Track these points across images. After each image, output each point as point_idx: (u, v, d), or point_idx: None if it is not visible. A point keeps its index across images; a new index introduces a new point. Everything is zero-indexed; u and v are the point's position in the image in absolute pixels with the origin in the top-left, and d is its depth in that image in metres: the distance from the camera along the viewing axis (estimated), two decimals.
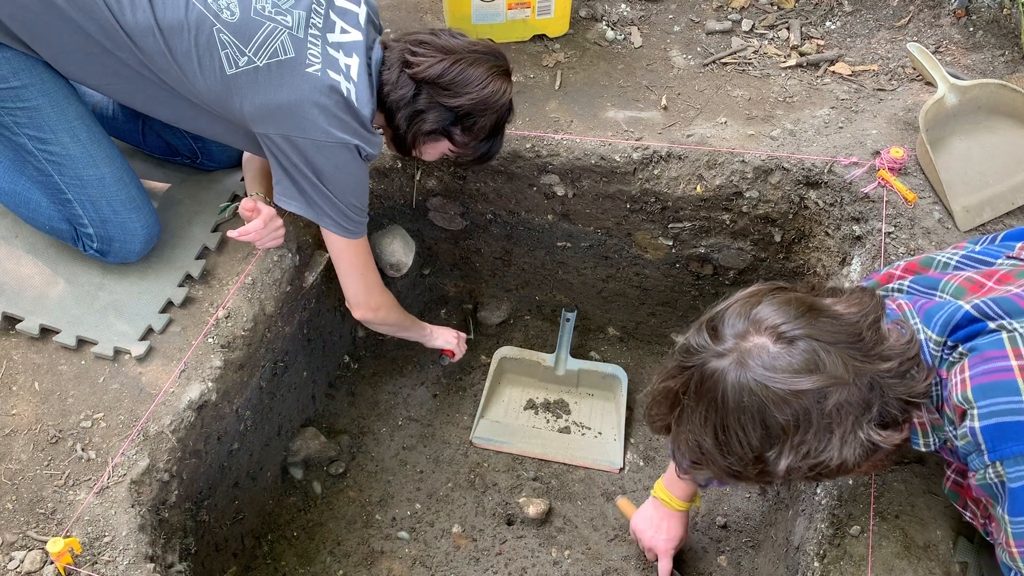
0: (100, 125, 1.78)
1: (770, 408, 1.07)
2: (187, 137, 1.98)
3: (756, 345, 1.10)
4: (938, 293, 1.26)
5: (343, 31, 1.71)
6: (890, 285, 1.36)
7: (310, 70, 1.62)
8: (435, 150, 1.86)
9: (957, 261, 1.36)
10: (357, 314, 1.97)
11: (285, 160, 1.67)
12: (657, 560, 1.91)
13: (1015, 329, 1.10)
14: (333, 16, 1.71)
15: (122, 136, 2.01)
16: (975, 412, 1.08)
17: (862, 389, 1.08)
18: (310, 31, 1.66)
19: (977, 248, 1.37)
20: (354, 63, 1.69)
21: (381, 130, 1.83)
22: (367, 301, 1.94)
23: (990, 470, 1.10)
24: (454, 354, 2.34)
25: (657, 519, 1.89)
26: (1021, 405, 1.05)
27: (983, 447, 1.09)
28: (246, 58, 1.60)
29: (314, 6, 1.69)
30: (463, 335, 2.36)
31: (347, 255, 1.85)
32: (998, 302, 1.14)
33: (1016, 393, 1.06)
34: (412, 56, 1.73)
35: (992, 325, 1.12)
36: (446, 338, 2.28)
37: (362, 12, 1.77)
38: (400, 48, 1.76)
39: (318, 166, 1.67)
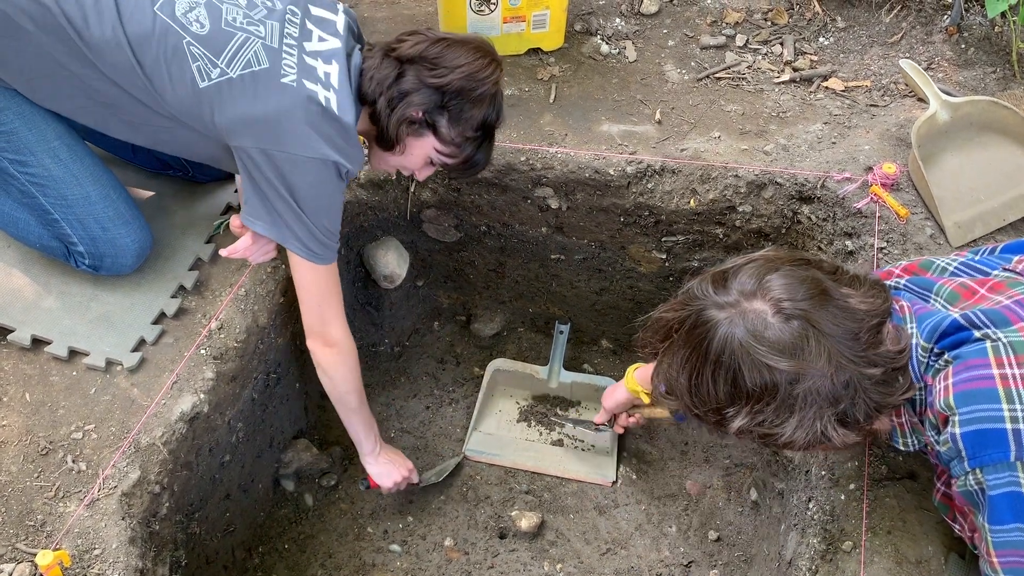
0: (83, 143, 1.75)
1: (744, 371, 1.12)
2: None
3: (755, 310, 1.13)
4: (932, 296, 1.28)
5: (320, 39, 1.67)
6: (888, 282, 1.37)
7: (285, 80, 1.58)
8: (420, 148, 1.74)
9: (955, 267, 1.37)
10: (309, 343, 1.82)
11: (258, 175, 1.61)
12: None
13: (999, 338, 1.12)
14: (310, 25, 1.68)
15: (113, 151, 1.99)
16: (956, 419, 1.10)
17: (837, 385, 1.11)
18: (285, 41, 1.62)
19: (977, 258, 1.39)
20: (334, 70, 1.64)
21: (365, 141, 1.80)
22: (322, 332, 1.79)
23: (970, 477, 1.11)
24: (378, 486, 2.06)
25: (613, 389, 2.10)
26: (1001, 413, 1.07)
27: (964, 454, 1.10)
28: (218, 70, 1.56)
29: (288, 16, 1.65)
30: (414, 475, 2.11)
31: (309, 281, 1.73)
32: (986, 312, 1.16)
33: (996, 401, 1.08)
34: (397, 43, 1.69)
35: (977, 334, 1.14)
36: (389, 471, 2.03)
37: (340, 20, 1.73)
38: (384, 43, 1.72)
39: (293, 183, 1.60)
